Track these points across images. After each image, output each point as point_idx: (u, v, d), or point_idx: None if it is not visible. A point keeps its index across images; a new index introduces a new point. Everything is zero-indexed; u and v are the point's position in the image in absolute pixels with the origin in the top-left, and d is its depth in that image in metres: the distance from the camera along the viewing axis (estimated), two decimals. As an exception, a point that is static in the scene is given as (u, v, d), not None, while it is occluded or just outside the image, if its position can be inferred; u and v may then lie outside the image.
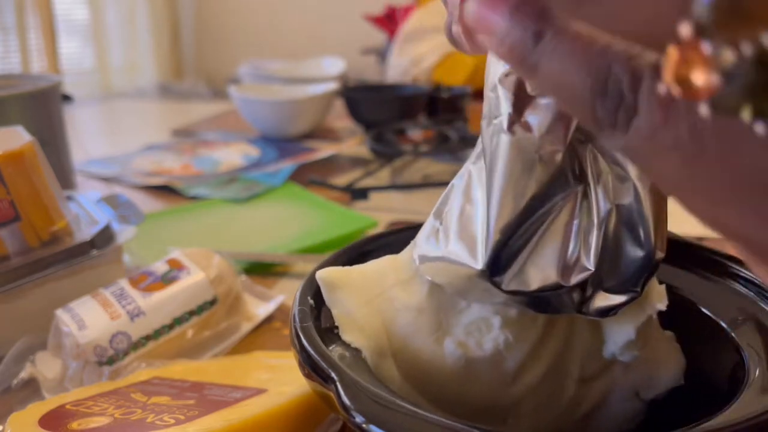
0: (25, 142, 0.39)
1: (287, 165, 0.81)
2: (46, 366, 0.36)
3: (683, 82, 0.11)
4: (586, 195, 0.22)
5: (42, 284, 0.39)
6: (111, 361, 0.35)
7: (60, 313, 0.37)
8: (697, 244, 0.29)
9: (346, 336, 0.24)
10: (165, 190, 0.75)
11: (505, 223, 0.21)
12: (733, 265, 0.27)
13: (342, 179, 0.76)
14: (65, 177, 0.66)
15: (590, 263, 0.21)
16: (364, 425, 0.19)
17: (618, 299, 0.21)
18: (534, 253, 0.21)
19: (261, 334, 0.42)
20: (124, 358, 0.36)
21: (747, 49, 0.10)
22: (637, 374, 0.25)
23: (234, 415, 0.27)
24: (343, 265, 0.28)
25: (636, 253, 0.21)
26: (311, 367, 0.22)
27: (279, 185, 0.74)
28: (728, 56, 0.10)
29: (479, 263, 0.21)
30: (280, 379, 0.31)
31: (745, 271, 0.27)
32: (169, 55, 2.27)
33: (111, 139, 1.11)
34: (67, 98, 1.37)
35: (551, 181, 0.21)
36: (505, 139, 0.21)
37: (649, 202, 0.21)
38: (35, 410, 0.29)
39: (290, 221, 0.63)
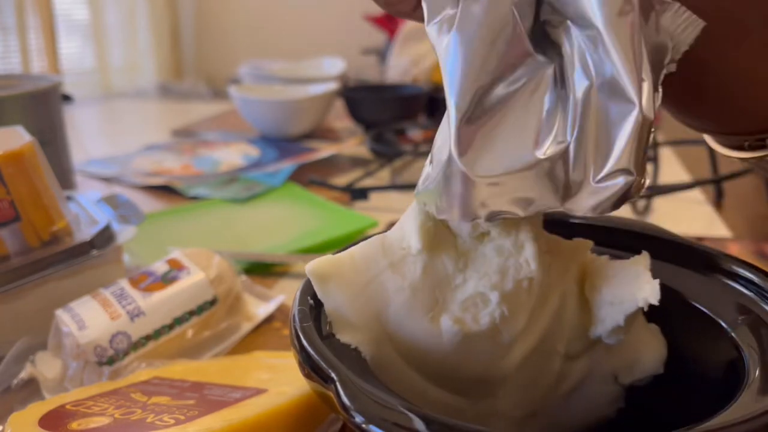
0: (25, 142, 0.39)
1: (287, 165, 0.81)
2: (46, 366, 0.36)
3: None
4: (562, 76, 0.21)
5: (42, 284, 0.39)
6: (111, 361, 0.36)
7: (60, 313, 0.37)
8: (696, 244, 0.29)
9: (340, 335, 0.24)
10: (165, 190, 0.75)
11: (465, 99, 0.21)
12: (733, 265, 0.27)
13: (342, 179, 0.76)
14: (65, 177, 0.66)
15: (566, 136, 0.20)
16: (363, 425, 0.19)
17: (612, 186, 0.20)
18: (501, 130, 0.21)
19: (261, 334, 0.42)
20: (124, 358, 0.36)
21: None
22: (617, 357, 0.26)
23: (234, 415, 0.27)
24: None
25: (622, 116, 0.20)
26: (311, 367, 0.22)
27: (279, 185, 0.74)
28: None
29: (446, 152, 0.21)
30: (280, 379, 0.31)
31: (745, 271, 0.27)
32: (169, 55, 2.27)
33: (111, 139, 1.11)
34: (67, 98, 1.37)
35: (512, 54, 0.21)
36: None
37: (627, 53, 0.20)
38: (35, 410, 0.29)
39: (290, 221, 0.63)
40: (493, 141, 0.21)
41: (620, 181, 0.20)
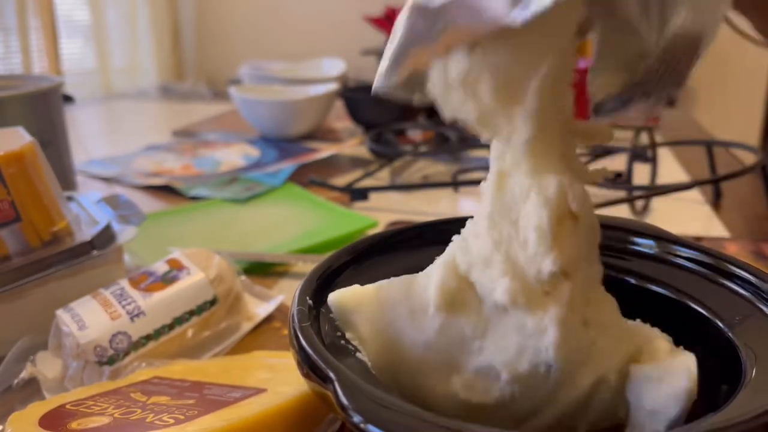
0: (25, 143, 0.40)
1: (287, 165, 0.81)
2: (46, 366, 0.36)
3: None
4: None
5: (43, 284, 0.40)
6: (111, 360, 0.36)
7: (60, 313, 0.37)
8: (694, 244, 0.29)
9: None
10: (165, 191, 0.75)
11: None
12: (731, 265, 0.27)
13: (342, 179, 0.76)
14: (66, 177, 0.66)
15: None
16: (362, 425, 0.19)
17: None
18: None
19: (261, 334, 0.43)
20: (124, 357, 0.36)
21: None
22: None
23: (233, 415, 0.27)
24: (343, 264, 0.29)
25: None
26: (309, 367, 0.22)
27: (279, 185, 0.74)
28: None
29: None
30: (280, 379, 0.31)
31: (743, 272, 0.27)
32: (170, 56, 2.27)
33: (112, 139, 1.11)
34: (68, 99, 1.37)
35: None
36: None
37: None
38: (35, 410, 0.29)
39: (290, 221, 0.64)
40: None
41: None
